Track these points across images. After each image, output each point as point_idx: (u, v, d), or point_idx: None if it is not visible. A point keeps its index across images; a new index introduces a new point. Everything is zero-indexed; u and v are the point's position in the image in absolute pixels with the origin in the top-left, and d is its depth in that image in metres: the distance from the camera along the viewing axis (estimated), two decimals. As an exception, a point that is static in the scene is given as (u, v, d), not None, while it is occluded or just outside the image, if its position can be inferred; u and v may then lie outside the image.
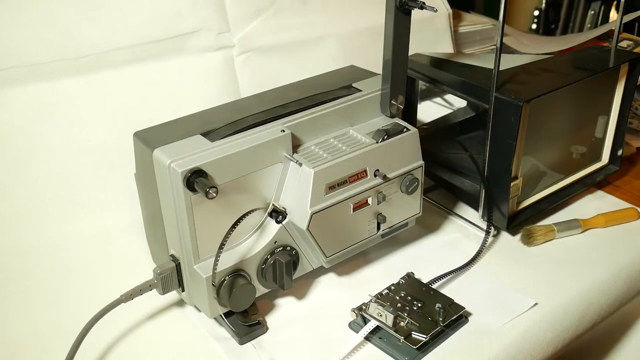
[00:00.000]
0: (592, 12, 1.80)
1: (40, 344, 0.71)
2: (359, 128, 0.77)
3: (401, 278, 0.75)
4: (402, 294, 0.72)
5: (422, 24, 1.18)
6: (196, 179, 0.63)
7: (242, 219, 0.68)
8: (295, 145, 0.72)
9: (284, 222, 0.70)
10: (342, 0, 1.11)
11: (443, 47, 1.25)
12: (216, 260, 0.66)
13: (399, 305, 0.70)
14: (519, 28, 1.72)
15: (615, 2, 1.70)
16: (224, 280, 0.68)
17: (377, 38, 0.80)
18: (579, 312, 0.76)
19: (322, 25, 1.09)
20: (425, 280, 0.76)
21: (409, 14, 0.71)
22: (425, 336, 0.67)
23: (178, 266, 0.70)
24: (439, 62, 0.96)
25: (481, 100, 0.83)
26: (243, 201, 0.69)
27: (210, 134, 0.69)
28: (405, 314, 0.69)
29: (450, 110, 1.17)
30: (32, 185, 0.86)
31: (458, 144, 0.94)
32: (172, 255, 0.71)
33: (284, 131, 0.70)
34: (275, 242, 0.71)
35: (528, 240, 0.85)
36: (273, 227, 0.71)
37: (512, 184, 0.82)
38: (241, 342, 0.70)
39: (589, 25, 1.81)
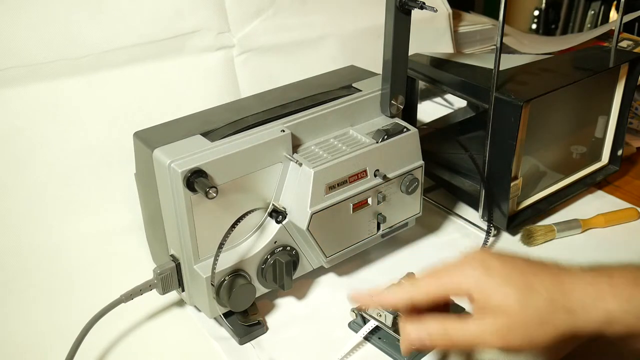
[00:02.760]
0: (592, 12, 1.80)
1: (40, 344, 0.71)
2: (359, 128, 0.77)
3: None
4: (402, 294, 0.72)
5: (422, 24, 1.18)
6: (196, 179, 0.63)
7: (242, 219, 0.68)
8: (295, 145, 0.72)
9: (284, 222, 0.70)
10: (342, 0, 1.11)
11: (443, 47, 1.25)
12: (215, 260, 0.66)
13: (399, 305, 0.70)
14: (519, 28, 1.72)
15: (615, 2, 1.70)
16: (224, 280, 0.68)
17: (377, 38, 0.80)
18: (579, 312, 0.75)
19: (322, 25, 1.09)
20: (425, 280, 0.75)
21: (409, 14, 0.71)
22: (425, 336, 0.66)
23: (178, 266, 0.70)
24: (439, 62, 0.96)
25: (481, 100, 0.83)
26: (243, 201, 0.69)
27: (210, 134, 0.69)
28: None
29: (450, 110, 1.17)
30: (32, 185, 0.86)
31: (458, 144, 0.94)
32: (172, 255, 0.71)
33: (284, 131, 0.70)
34: (275, 242, 0.71)
35: (528, 240, 0.85)
36: (273, 227, 0.71)
37: (512, 184, 0.82)
38: (241, 342, 0.70)
39: (589, 25, 1.81)
